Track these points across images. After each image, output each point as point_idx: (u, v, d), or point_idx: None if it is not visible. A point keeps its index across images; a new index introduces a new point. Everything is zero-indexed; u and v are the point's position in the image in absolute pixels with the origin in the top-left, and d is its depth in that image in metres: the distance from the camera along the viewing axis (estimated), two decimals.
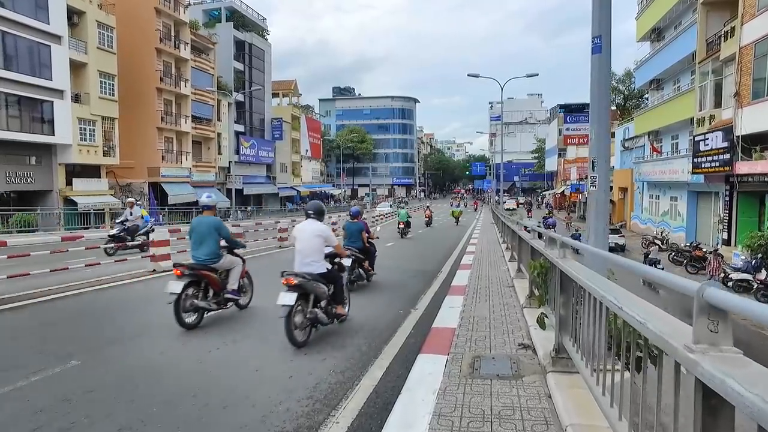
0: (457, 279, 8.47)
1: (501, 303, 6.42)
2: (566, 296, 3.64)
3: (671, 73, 25.72)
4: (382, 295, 7.59)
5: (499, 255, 12.46)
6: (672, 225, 26.15)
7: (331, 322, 5.47)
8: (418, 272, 10.16)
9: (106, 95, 29.30)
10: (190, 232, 6.08)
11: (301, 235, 5.38)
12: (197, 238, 5.92)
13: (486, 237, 19.17)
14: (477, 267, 10.08)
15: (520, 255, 7.92)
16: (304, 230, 5.39)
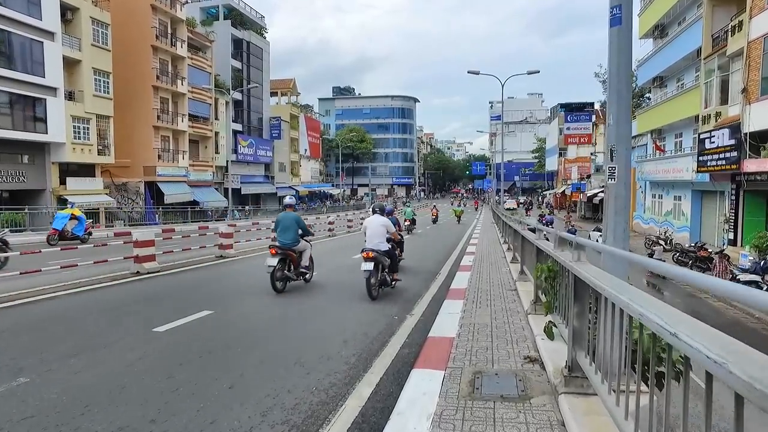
0: (457, 281, 8.02)
1: (503, 308, 5.96)
2: (581, 305, 3.19)
3: (675, 70, 25.27)
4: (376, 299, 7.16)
5: (500, 256, 12.01)
6: (675, 225, 25.68)
7: (392, 286, 7.75)
8: (417, 272, 9.72)
9: (100, 93, 28.84)
10: (276, 223, 8.24)
11: (371, 225, 7.72)
12: (283, 228, 8.05)
13: (487, 237, 18.71)
14: (477, 268, 9.63)
15: (523, 256, 7.46)
16: (372, 221, 7.76)
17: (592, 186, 47.10)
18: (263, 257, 8.40)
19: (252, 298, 7.44)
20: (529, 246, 6.34)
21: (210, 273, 9.91)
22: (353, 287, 8.04)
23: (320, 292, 8.00)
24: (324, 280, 9.02)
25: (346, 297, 7.54)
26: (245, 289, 8.16)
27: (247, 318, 6.23)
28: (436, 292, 7.44)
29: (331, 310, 6.80)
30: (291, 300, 7.42)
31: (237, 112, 47.31)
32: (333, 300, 7.42)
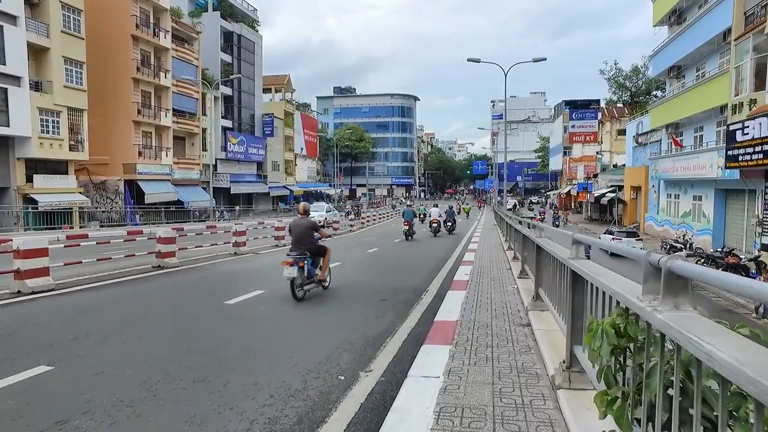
0: (446, 308, 5.80)
1: (514, 367, 3.74)
2: None
3: (694, 57, 23.06)
4: (322, 338, 5.03)
5: (503, 267, 9.83)
6: (695, 227, 23.48)
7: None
8: (397, 291, 7.57)
9: (72, 84, 26.75)
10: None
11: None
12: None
13: (487, 241, 16.53)
14: (475, 285, 7.48)
15: (539, 276, 5.29)
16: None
17: (599, 186, 44.88)
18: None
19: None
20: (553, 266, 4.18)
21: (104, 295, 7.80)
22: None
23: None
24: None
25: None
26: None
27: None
28: (415, 326, 5.29)
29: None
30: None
31: (227, 108, 45.27)
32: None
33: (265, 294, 7.33)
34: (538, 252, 5.25)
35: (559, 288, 3.71)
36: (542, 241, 4.80)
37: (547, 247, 4.30)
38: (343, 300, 7.10)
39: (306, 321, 5.92)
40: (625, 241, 22.68)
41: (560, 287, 3.71)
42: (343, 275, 9.56)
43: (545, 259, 4.84)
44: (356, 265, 10.92)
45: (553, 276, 4.15)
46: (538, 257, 5.26)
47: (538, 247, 5.25)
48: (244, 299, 6.90)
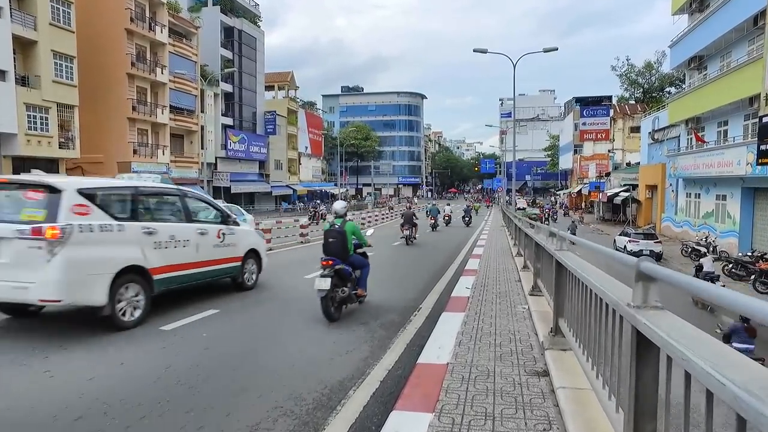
0: (436, 341, 4.31)
1: None
2: None
3: (719, 46, 21.43)
4: (257, 389, 3.56)
5: (512, 278, 8.46)
6: (718, 229, 21.87)
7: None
8: (378, 313, 6.09)
9: (62, 79, 25.71)
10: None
11: None
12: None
13: (494, 245, 15.13)
14: (477, 305, 6.09)
15: (560, 299, 3.92)
16: None
17: (612, 185, 43.20)
18: None
19: None
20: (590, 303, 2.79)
21: None
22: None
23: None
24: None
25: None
26: None
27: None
28: (392, 368, 3.93)
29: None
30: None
31: (228, 105, 44.20)
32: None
33: (218, 315, 5.88)
34: (558, 271, 3.88)
35: (603, 342, 2.35)
36: (567, 259, 3.43)
37: (577, 271, 2.95)
38: (310, 324, 5.75)
39: (248, 359, 4.25)
40: (643, 244, 21.17)
41: (602, 340, 2.36)
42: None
43: (570, 283, 3.47)
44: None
45: (587, 314, 2.80)
46: (559, 277, 3.90)
47: (558, 264, 3.88)
48: (188, 323, 5.41)
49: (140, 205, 5.98)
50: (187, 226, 6.50)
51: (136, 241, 5.54)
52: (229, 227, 7.36)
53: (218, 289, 7.40)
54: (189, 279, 6.40)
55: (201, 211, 7.14)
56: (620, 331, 1.94)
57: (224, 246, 7.11)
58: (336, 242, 6.10)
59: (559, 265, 3.85)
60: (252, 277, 7.85)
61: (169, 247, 5.99)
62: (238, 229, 7.57)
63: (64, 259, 4.76)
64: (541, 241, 5.30)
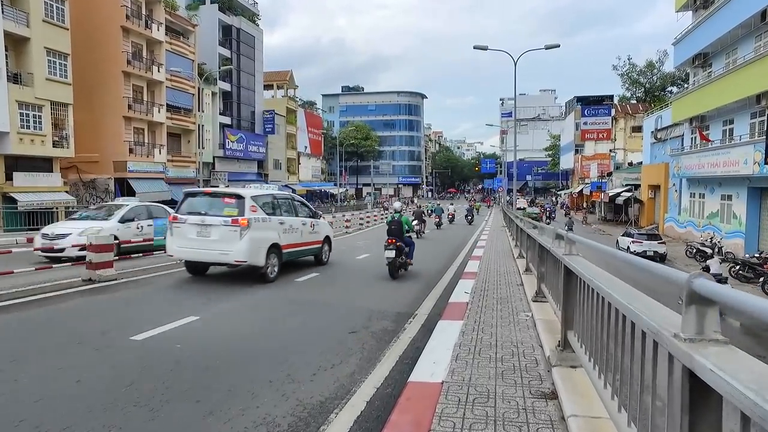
0: (430, 354, 3.84)
1: None
2: None
3: (725, 42, 20.99)
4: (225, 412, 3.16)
5: (513, 281, 8.03)
6: (723, 229, 21.44)
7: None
8: (371, 318, 5.64)
9: (55, 77, 25.29)
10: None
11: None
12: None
13: (495, 246, 14.70)
14: (476, 312, 5.64)
15: (569, 309, 3.49)
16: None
17: (614, 185, 42.75)
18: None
19: None
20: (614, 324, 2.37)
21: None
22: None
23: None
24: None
25: None
26: None
27: None
28: (380, 386, 3.45)
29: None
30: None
31: (226, 104, 43.77)
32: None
33: (197, 323, 5.43)
34: (567, 278, 3.46)
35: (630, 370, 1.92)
36: (578, 266, 3.00)
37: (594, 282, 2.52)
38: (294, 330, 5.35)
39: (220, 374, 3.85)
40: (646, 244, 20.76)
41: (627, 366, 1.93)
42: (313, 290, 7.84)
43: (582, 293, 3.05)
44: (337, 275, 9.19)
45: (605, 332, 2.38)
46: (568, 286, 3.47)
47: (567, 270, 3.45)
48: (161, 332, 4.97)
49: (276, 206, 9.23)
50: (296, 219, 9.75)
51: (275, 228, 8.80)
52: (316, 220, 10.62)
53: (309, 263, 10.49)
54: (298, 254, 9.83)
55: (301, 209, 10.43)
56: (657, 364, 1.52)
57: (314, 233, 10.34)
58: (396, 228, 9.31)
59: (568, 272, 3.43)
60: (327, 255, 11.05)
61: (288, 233, 9.22)
62: (320, 221, 10.87)
63: (248, 237, 7.97)
64: (545, 243, 4.87)
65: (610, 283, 2.42)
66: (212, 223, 8.02)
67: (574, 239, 3.49)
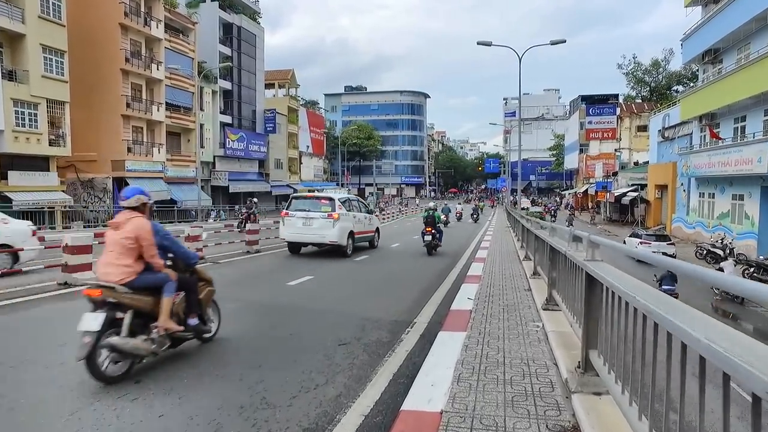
0: (429, 375, 3.24)
1: None
2: None
3: (737, 37, 20.34)
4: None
5: (520, 286, 7.47)
6: (734, 230, 20.81)
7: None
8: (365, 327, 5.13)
9: (51, 74, 24.89)
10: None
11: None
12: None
13: (499, 247, 14.14)
14: (481, 323, 5.10)
15: (591, 325, 2.95)
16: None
17: (619, 185, 42.07)
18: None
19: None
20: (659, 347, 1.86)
21: None
22: None
23: None
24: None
25: None
26: None
27: None
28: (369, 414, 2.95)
29: None
30: None
31: (226, 103, 43.36)
32: None
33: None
34: (590, 288, 2.92)
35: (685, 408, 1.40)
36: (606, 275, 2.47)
37: (639, 302, 1.99)
38: (280, 342, 4.81)
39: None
40: (655, 246, 20.13)
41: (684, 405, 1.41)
42: (303, 295, 7.32)
43: (611, 307, 2.52)
44: (331, 278, 8.67)
45: (650, 361, 1.87)
46: (590, 297, 2.93)
47: (589, 279, 2.91)
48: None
49: (350, 205, 12.97)
50: (361, 214, 13.50)
51: (351, 221, 12.42)
52: (371, 216, 14.63)
53: (363, 248, 13.66)
54: (361, 239, 13.38)
55: (363, 208, 14.30)
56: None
57: (370, 224, 14.08)
58: (431, 220, 13.36)
59: (590, 281, 2.89)
60: (378, 242, 14.86)
61: (358, 223, 12.87)
62: (373, 216, 14.87)
63: (338, 226, 11.53)
64: (559, 246, 4.33)
65: (655, 300, 1.89)
66: (314, 217, 11.76)
67: (598, 242, 2.95)
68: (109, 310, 3.50)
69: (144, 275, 3.82)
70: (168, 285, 3.91)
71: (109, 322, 3.46)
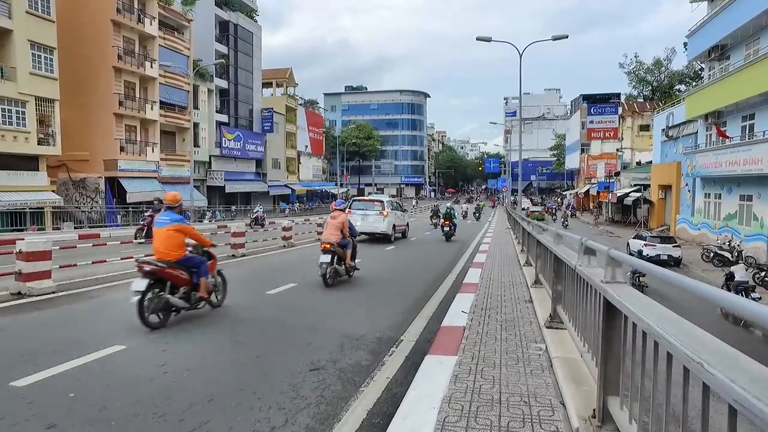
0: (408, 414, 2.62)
1: None
2: None
3: (746, 32, 19.69)
4: None
5: (520, 296, 6.81)
6: (742, 232, 20.13)
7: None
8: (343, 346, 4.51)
9: (40, 71, 24.26)
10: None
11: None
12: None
13: (498, 251, 13.48)
14: (475, 340, 4.48)
15: (611, 364, 2.28)
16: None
17: (622, 185, 41.39)
18: None
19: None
20: None
21: None
22: None
23: None
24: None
25: None
26: None
27: None
28: None
29: None
30: None
31: (223, 102, 42.75)
32: None
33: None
34: (609, 319, 2.27)
35: None
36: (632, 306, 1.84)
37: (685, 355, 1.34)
38: (242, 368, 4.12)
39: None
40: (660, 248, 19.47)
41: None
42: (282, 306, 6.67)
43: (639, 346, 1.87)
44: (315, 285, 8.00)
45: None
46: (610, 330, 2.28)
47: (608, 306, 2.26)
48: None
49: (393, 206, 17.42)
50: (398, 212, 18.12)
51: (394, 216, 16.84)
52: (404, 213, 19.52)
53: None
54: (399, 230, 17.39)
55: (399, 207, 18.93)
56: None
57: (404, 220, 18.62)
58: (450, 215, 18.05)
59: (611, 310, 2.24)
60: (408, 234, 18.79)
61: (397, 219, 17.28)
62: (405, 214, 19.19)
63: (387, 221, 16.00)
64: (567, 259, 3.67)
65: (709, 352, 1.25)
66: (370, 214, 15.89)
67: (621, 259, 2.31)
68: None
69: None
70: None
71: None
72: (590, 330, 2.75)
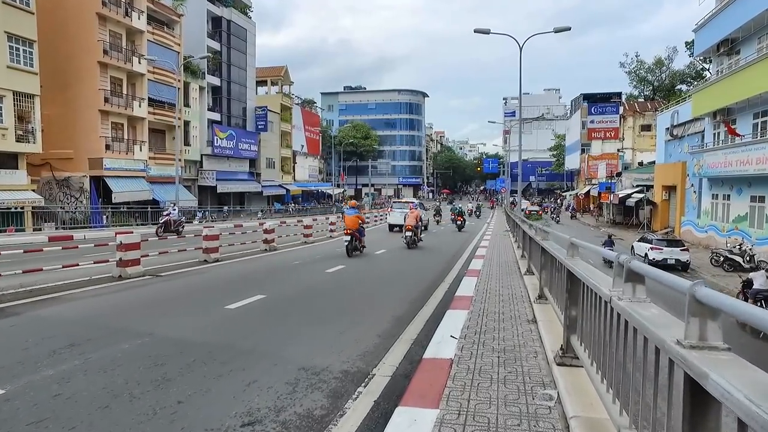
0: None
1: None
2: None
3: (759, 24, 18.67)
4: None
5: (521, 312, 5.80)
6: (753, 235, 19.14)
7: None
8: (299, 385, 3.54)
9: (18, 65, 23.23)
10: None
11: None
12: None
13: (497, 256, 12.46)
14: (464, 381, 3.45)
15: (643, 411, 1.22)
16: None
17: (623, 186, 40.41)
18: None
19: None
20: None
21: None
22: None
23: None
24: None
25: None
26: None
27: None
28: None
29: None
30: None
31: (215, 99, 41.71)
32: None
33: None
34: (694, 401, 1.24)
35: None
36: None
37: None
38: (150, 423, 3.11)
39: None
40: (667, 252, 18.45)
41: None
42: (241, 324, 5.64)
43: None
44: (288, 297, 6.93)
45: None
46: (699, 425, 1.25)
47: (694, 386, 1.21)
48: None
49: (419, 206, 25.49)
50: (422, 210, 24.85)
51: (425, 214, 27.47)
52: (425, 212, 28.12)
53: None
54: (422, 225, 20.78)
55: (423, 208, 29.23)
56: None
57: (425, 217, 25.52)
58: (460, 211, 27.60)
59: (697, 395, 1.21)
60: (427, 227, 24.77)
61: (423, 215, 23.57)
62: (424, 212, 26.82)
63: (413, 214, 17.56)
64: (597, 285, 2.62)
65: None
66: (406, 212, 19.66)
67: (717, 304, 1.28)
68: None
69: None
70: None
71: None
72: (635, 388, 1.71)
